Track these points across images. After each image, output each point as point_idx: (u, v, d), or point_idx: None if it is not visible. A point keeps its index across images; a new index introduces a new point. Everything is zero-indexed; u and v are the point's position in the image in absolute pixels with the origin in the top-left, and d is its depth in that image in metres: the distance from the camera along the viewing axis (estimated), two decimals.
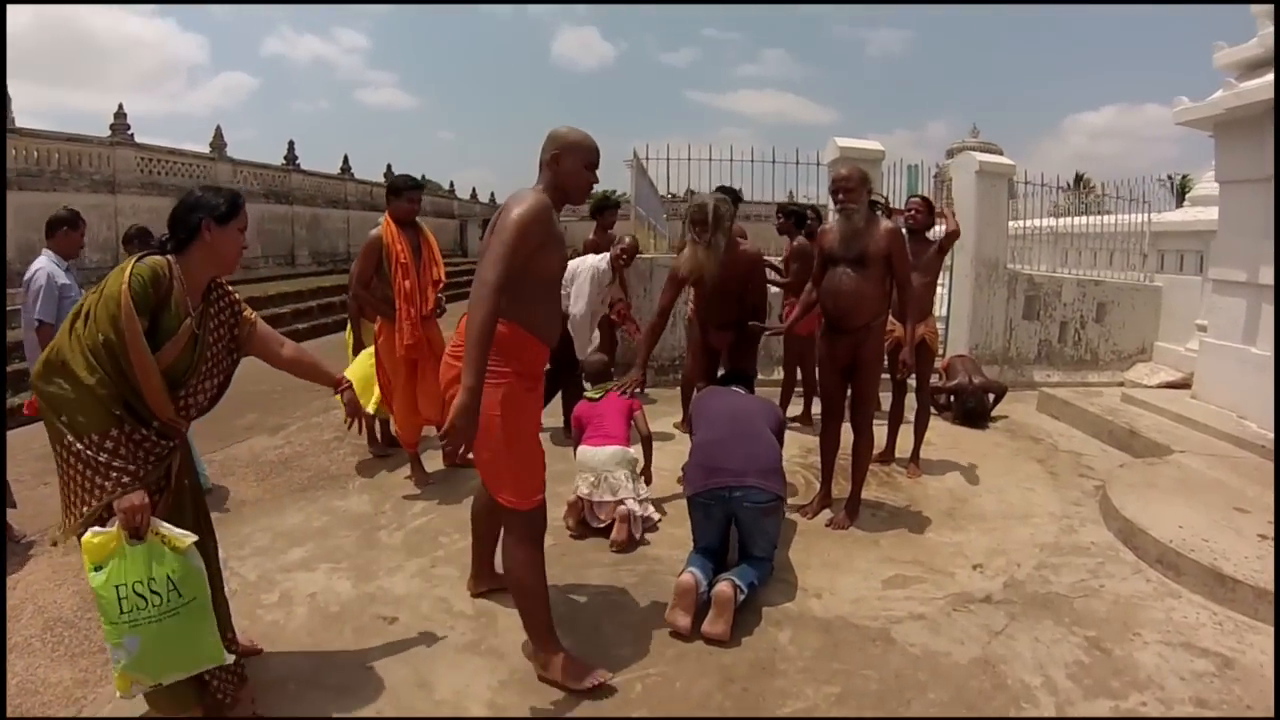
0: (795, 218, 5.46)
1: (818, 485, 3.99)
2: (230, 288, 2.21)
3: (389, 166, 28.41)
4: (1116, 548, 3.48)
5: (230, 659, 2.04)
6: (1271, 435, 4.94)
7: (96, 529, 1.82)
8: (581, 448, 3.67)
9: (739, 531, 2.95)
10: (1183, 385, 6.97)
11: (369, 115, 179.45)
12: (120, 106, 15.63)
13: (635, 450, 3.69)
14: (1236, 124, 5.60)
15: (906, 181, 6.88)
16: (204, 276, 2.06)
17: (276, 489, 4.23)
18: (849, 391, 3.78)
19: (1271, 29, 5.32)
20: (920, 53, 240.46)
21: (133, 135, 15.36)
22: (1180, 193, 28.70)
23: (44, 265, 3.72)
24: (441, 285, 4.36)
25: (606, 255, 5.05)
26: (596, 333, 5.35)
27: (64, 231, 3.86)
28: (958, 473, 4.53)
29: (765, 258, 4.76)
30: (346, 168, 25.46)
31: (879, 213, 3.68)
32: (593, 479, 3.50)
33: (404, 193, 4.11)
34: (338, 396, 2.51)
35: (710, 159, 6.94)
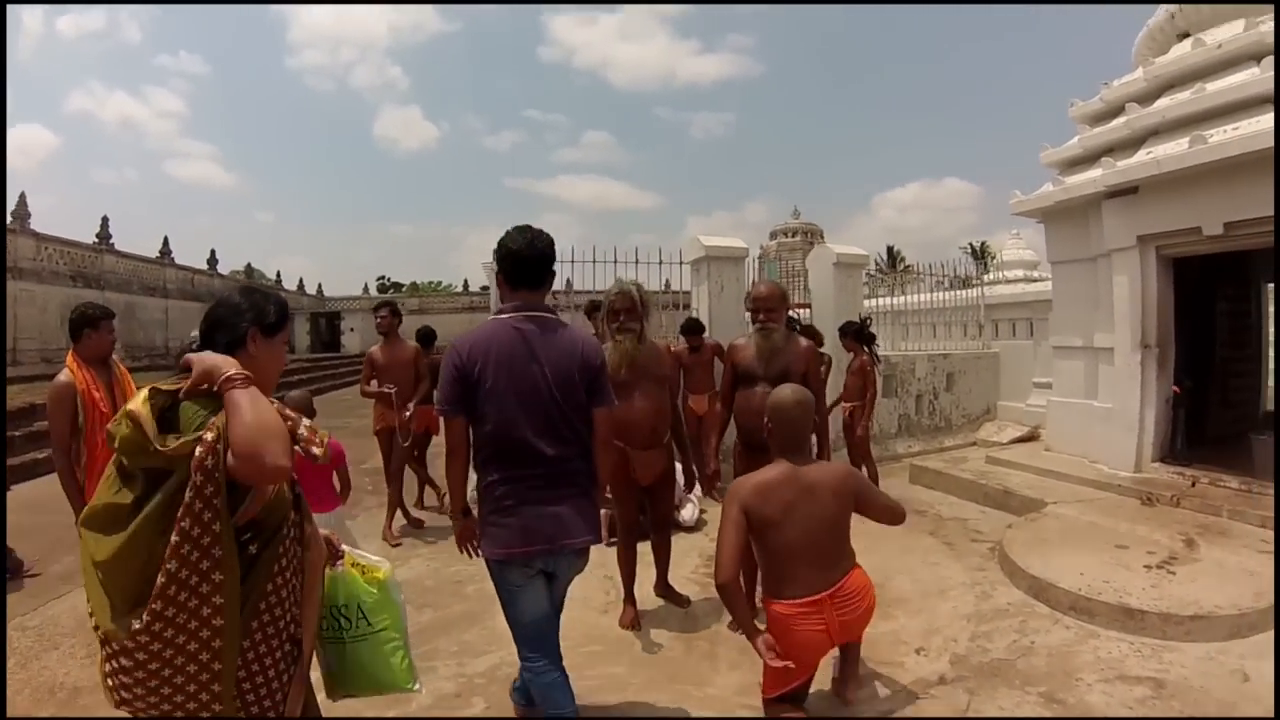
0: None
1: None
2: None
3: (213, 251, 25.88)
4: (1031, 604, 3.72)
5: (419, 688, 1.99)
6: (1120, 473, 5.61)
7: None
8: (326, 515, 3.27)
9: None
10: (1030, 438, 7.75)
11: (181, 189, 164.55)
12: None
13: None
14: (1063, 213, 6.55)
15: (766, 277, 7.07)
16: None
17: None
18: None
19: (1092, 131, 6.33)
20: (740, 136, 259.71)
21: None
22: (980, 256, 32.06)
23: None
24: None
25: None
26: None
27: None
28: (863, 558, 4.49)
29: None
30: (166, 250, 22.60)
31: (796, 329, 3.66)
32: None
33: (100, 323, 3.49)
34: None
35: (574, 260, 6.90)
